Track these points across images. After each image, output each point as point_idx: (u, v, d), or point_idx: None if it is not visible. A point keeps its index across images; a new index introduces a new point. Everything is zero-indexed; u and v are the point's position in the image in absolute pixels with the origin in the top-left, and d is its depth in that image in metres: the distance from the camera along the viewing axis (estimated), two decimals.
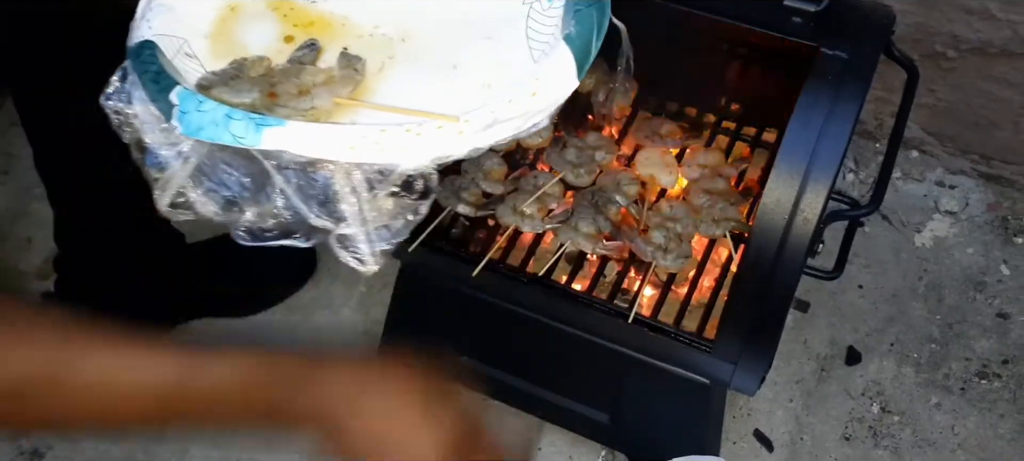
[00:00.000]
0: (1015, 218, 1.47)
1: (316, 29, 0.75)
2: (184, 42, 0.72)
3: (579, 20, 0.69)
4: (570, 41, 0.68)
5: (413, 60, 0.72)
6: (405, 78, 0.71)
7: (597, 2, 0.71)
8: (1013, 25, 1.28)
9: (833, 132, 0.87)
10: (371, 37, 0.74)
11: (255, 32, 0.75)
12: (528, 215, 1.10)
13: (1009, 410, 1.28)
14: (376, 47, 0.73)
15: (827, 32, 0.91)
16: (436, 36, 0.74)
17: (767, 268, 0.89)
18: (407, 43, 0.74)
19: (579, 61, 0.67)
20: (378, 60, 0.72)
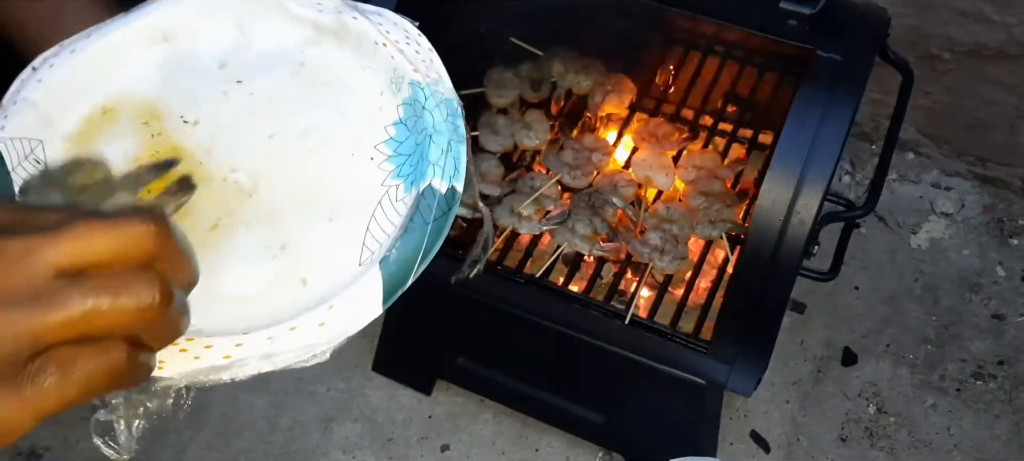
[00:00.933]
0: (1010, 220, 1.47)
1: (176, 155, 0.70)
2: (38, 144, 0.68)
3: (405, 238, 0.63)
4: (385, 265, 0.62)
5: (246, 225, 0.67)
6: (229, 247, 0.66)
7: (437, 221, 0.64)
8: (1008, 27, 1.28)
9: (828, 134, 0.87)
10: (224, 181, 0.69)
11: (117, 145, 0.70)
12: (525, 217, 1.11)
13: (1005, 411, 1.29)
14: (221, 198, 0.68)
15: (822, 35, 0.92)
16: (282, 203, 0.69)
17: (763, 270, 0.90)
18: (251, 200, 0.68)
19: (389, 289, 0.61)
20: (214, 215, 0.67)
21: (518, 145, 1.17)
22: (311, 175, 0.70)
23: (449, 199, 0.65)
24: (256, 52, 0.76)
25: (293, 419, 1.34)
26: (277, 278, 0.64)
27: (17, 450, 1.34)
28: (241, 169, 0.70)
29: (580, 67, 1.20)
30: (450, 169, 0.66)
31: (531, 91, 1.20)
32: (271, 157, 0.71)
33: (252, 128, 0.72)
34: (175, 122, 0.73)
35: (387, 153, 0.70)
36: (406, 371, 1.34)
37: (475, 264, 0.83)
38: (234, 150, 0.71)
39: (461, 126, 0.68)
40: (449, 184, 0.65)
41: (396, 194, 0.67)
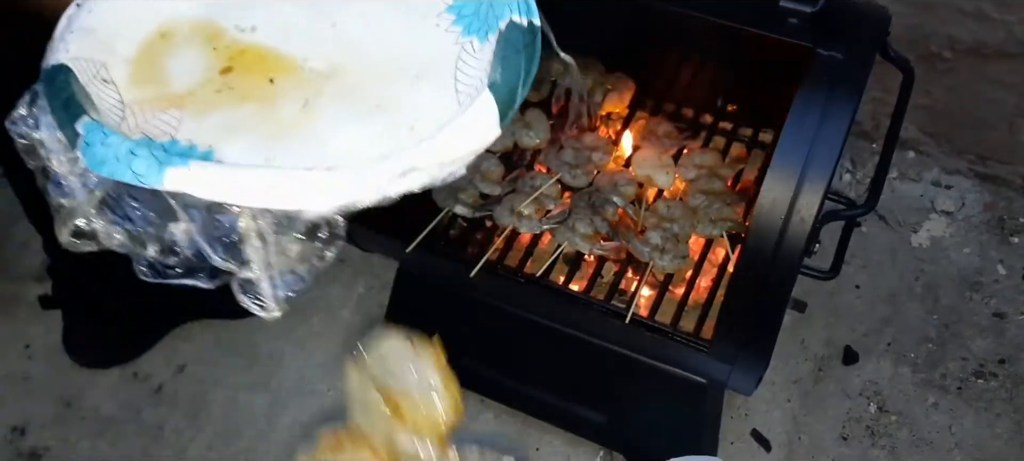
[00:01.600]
0: (1011, 218, 1.47)
1: (246, 60, 0.73)
2: (101, 66, 0.70)
3: (505, 67, 0.67)
4: (495, 89, 0.65)
5: (338, 98, 0.71)
6: (328, 116, 0.69)
7: (526, 48, 0.68)
8: (1008, 26, 1.28)
9: (829, 133, 0.87)
10: (300, 70, 0.73)
11: (182, 61, 0.73)
12: (525, 216, 1.10)
13: (1006, 409, 1.28)
14: (303, 82, 0.72)
15: (823, 33, 0.91)
16: (365, 74, 0.72)
17: (764, 268, 0.89)
18: (334, 80, 0.72)
19: (503, 109, 0.65)
20: (302, 96, 0.71)
21: (518, 144, 1.17)
22: (384, 52, 0.73)
23: (532, 31, 0.69)
24: None
25: (294, 418, 1.34)
26: (385, 132, 0.67)
27: (17, 451, 1.34)
28: (313, 58, 0.73)
29: (580, 66, 1.20)
30: (524, 7, 0.70)
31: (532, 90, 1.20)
32: (338, 44, 0.74)
33: (311, 23, 0.75)
34: (233, 34, 0.74)
35: (450, 18, 0.74)
36: None
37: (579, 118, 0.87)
38: (299, 45, 0.73)
39: None
40: (527, 18, 0.70)
41: (472, 48, 0.71)
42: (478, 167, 1.15)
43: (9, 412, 1.37)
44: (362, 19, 0.75)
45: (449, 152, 0.63)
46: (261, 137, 0.67)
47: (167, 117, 0.68)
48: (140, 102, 0.69)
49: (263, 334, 1.42)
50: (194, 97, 0.70)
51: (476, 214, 1.13)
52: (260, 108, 0.70)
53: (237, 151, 0.66)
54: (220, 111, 0.69)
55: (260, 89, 0.71)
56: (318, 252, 0.64)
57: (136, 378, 1.40)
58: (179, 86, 0.71)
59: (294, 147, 0.66)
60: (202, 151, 0.65)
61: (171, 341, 1.43)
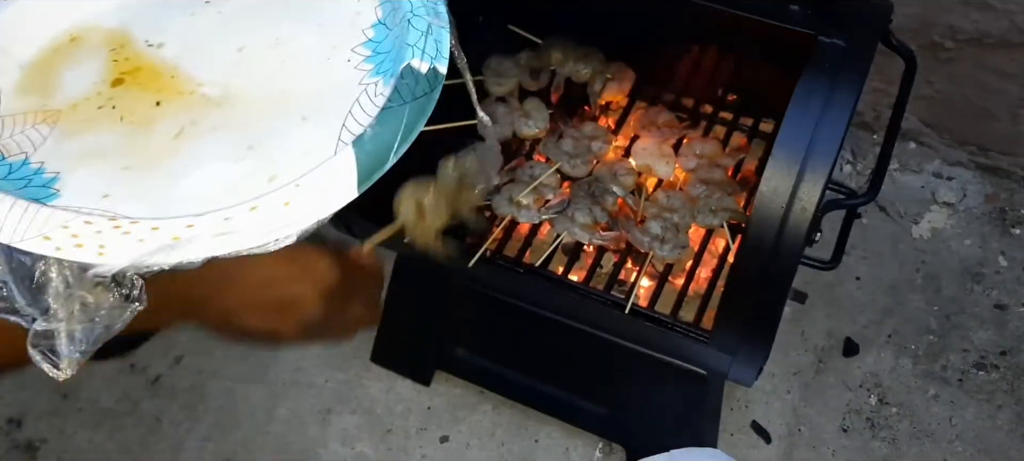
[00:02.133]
0: (1012, 209, 1.46)
1: (140, 77, 0.69)
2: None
3: (383, 120, 0.60)
4: (360, 146, 0.58)
5: (214, 131, 0.65)
6: (196, 151, 0.64)
7: (417, 100, 0.61)
8: (1010, 15, 1.27)
9: (830, 121, 0.86)
10: (190, 95, 0.68)
11: (77, 71, 0.69)
12: (524, 205, 1.10)
13: (1007, 401, 1.28)
14: (188, 108, 0.67)
15: (825, 21, 0.90)
16: (252, 107, 0.67)
17: (764, 258, 0.89)
18: (219, 109, 0.67)
19: (365, 171, 0.58)
20: (179, 124, 0.66)
21: (517, 134, 1.16)
22: (283, 84, 0.68)
23: (431, 80, 0.63)
24: None
25: (291, 410, 1.33)
26: (243, 176, 0.62)
27: (14, 442, 1.33)
28: (208, 84, 0.69)
29: (579, 55, 1.19)
30: (431, 50, 0.64)
31: (530, 79, 1.19)
32: (241, 70, 0.70)
33: (220, 45, 0.71)
34: (140, 46, 0.71)
35: (365, 54, 0.68)
36: (405, 362, 1.34)
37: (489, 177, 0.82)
38: (201, 67, 0.70)
39: (443, 11, 0.66)
40: (430, 65, 0.63)
41: (375, 89, 0.65)
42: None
43: (5, 403, 1.37)
44: (273, 47, 0.71)
45: (278, 215, 0.56)
46: (118, 167, 0.63)
47: (34, 133, 0.65)
48: (15, 114, 0.66)
49: None
50: (72, 113, 0.67)
51: None
52: (133, 133, 0.65)
53: (81, 179, 0.61)
54: (92, 132, 0.65)
55: (142, 111, 0.67)
56: (121, 309, 0.58)
57: (133, 370, 1.39)
58: (61, 100, 0.68)
59: (144, 180, 0.62)
60: (47, 177, 0.61)
61: (168, 333, 1.43)
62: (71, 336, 0.57)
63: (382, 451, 1.29)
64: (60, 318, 0.57)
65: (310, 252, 0.73)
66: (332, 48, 0.70)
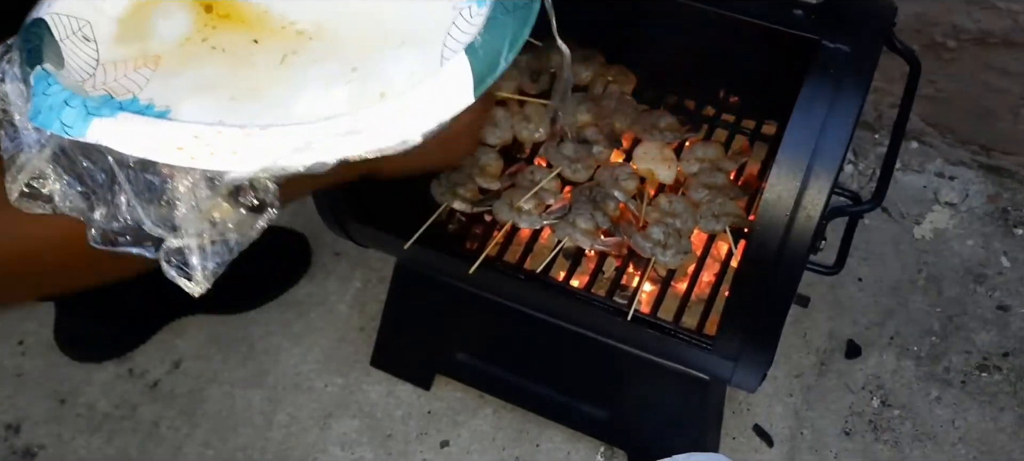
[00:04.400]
0: (1015, 209, 1.46)
1: (232, 20, 0.71)
2: (86, 24, 0.68)
3: (490, 29, 0.61)
4: (472, 52, 0.60)
5: (315, 60, 0.67)
6: (300, 77, 0.66)
7: (518, 10, 0.63)
8: (1014, 14, 1.26)
9: (835, 127, 0.85)
10: (284, 30, 0.70)
11: (170, 19, 0.71)
12: (525, 211, 1.09)
13: (1010, 403, 1.27)
14: (284, 41, 0.69)
15: (828, 25, 0.89)
16: (349, 36, 0.69)
17: (769, 266, 0.88)
18: (317, 40, 0.69)
19: (480, 75, 0.59)
20: (281, 53, 0.68)
21: (517, 138, 1.15)
22: (373, 15, 0.69)
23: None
24: None
25: (291, 415, 1.33)
26: (352, 98, 0.63)
27: (12, 448, 1.32)
28: (302, 20, 0.70)
29: (580, 58, 1.18)
30: None
31: (530, 82, 1.18)
32: (332, 6, 0.70)
33: None
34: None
35: None
36: (405, 366, 1.33)
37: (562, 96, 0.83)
38: (292, 7, 0.70)
39: None
40: None
41: (470, 12, 0.65)
42: (476, 161, 1.13)
43: (3, 410, 1.36)
44: None
45: (403, 116, 0.58)
46: (225, 97, 0.65)
47: (137, 76, 0.66)
48: (116, 61, 0.67)
49: (259, 329, 1.41)
50: (172, 55, 0.68)
51: (475, 209, 1.11)
52: (235, 65, 0.68)
53: (193, 110, 0.63)
54: (194, 69, 0.67)
55: (241, 47, 0.69)
56: (250, 221, 0.59)
57: (131, 374, 1.39)
58: (159, 44, 0.69)
59: (254, 108, 0.64)
60: (158, 110, 0.63)
61: (166, 337, 1.42)
62: (203, 250, 0.58)
63: (382, 456, 1.28)
64: (191, 233, 0.57)
65: None
66: None
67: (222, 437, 1.31)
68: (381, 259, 1.44)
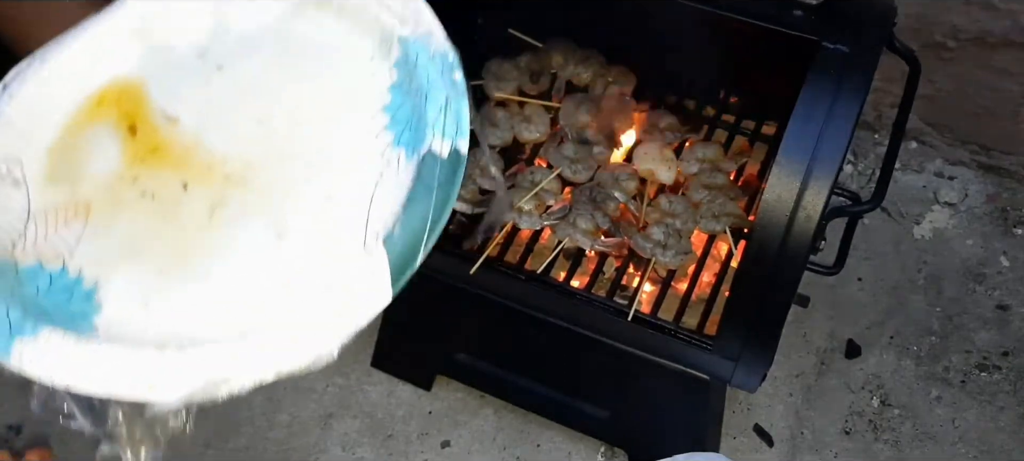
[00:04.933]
0: (1015, 209, 1.46)
1: (160, 155, 0.67)
2: (17, 163, 0.66)
3: (410, 213, 0.58)
4: (390, 245, 0.57)
5: (243, 214, 0.64)
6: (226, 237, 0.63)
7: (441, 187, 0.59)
8: (1013, 15, 1.27)
9: (835, 128, 0.86)
10: (213, 172, 0.66)
11: (100, 149, 0.68)
12: (526, 211, 1.09)
13: (1009, 402, 1.28)
14: (213, 189, 0.66)
15: (828, 26, 0.90)
16: (277, 187, 0.65)
17: (769, 266, 0.88)
18: (243, 189, 0.65)
19: (398, 270, 0.57)
20: (208, 206, 0.65)
21: (518, 138, 1.15)
22: (305, 156, 0.67)
23: (453, 162, 0.61)
24: (236, 34, 0.72)
25: (292, 416, 1.33)
26: (278, 273, 0.62)
27: (14, 450, 1.32)
28: (231, 159, 0.67)
29: (580, 58, 1.18)
30: (451, 128, 0.62)
31: (530, 83, 1.18)
32: (262, 142, 0.68)
33: (238, 115, 0.69)
34: (158, 119, 0.70)
35: (384, 121, 0.66)
36: (406, 367, 1.33)
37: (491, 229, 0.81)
38: (223, 141, 0.68)
39: (460, 79, 0.64)
40: (452, 144, 0.61)
41: (398, 164, 0.63)
42: (477, 161, 1.13)
43: (5, 411, 1.36)
44: (291, 116, 0.69)
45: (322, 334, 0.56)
46: (152, 269, 0.62)
47: (68, 234, 0.64)
48: (48, 210, 0.65)
49: None
50: (102, 201, 0.66)
51: (475, 210, 1.11)
52: (163, 218, 0.65)
53: (119, 287, 0.61)
54: (124, 223, 0.65)
55: (170, 194, 0.66)
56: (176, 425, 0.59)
57: None
58: (90, 187, 0.67)
59: (180, 286, 0.61)
60: (86, 288, 0.61)
61: None
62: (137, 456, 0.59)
63: (383, 456, 1.28)
64: (124, 443, 0.58)
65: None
66: (350, 115, 0.68)
67: (223, 438, 1.31)
68: None
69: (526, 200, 1.09)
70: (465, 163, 0.62)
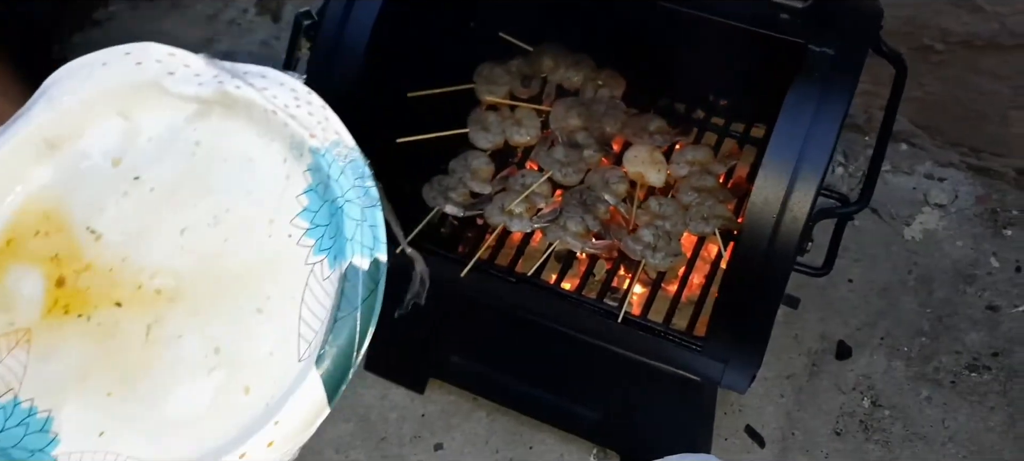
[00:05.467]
0: (1004, 210, 1.47)
1: (90, 274, 0.67)
2: None
3: (337, 332, 0.60)
4: (321, 364, 0.59)
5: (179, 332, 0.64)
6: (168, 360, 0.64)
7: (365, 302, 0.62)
8: (1001, 17, 1.28)
9: (821, 131, 0.86)
10: (141, 289, 0.66)
11: (27, 276, 0.67)
12: (517, 214, 1.10)
13: (999, 403, 1.28)
14: (147, 307, 0.66)
15: (814, 29, 0.91)
16: (208, 302, 0.66)
17: (756, 268, 0.89)
18: (176, 305, 0.65)
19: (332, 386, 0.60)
20: (144, 322, 0.65)
21: (509, 142, 1.16)
22: (232, 266, 0.67)
23: (373, 274, 0.63)
24: (147, 139, 0.72)
25: None
26: (219, 392, 0.62)
27: None
28: (160, 273, 0.67)
29: (570, 62, 1.19)
30: (369, 240, 0.64)
31: (521, 87, 1.19)
32: (188, 253, 0.68)
33: (161, 227, 0.69)
34: (81, 238, 0.69)
35: (304, 226, 0.67)
36: (399, 370, 1.34)
37: (412, 301, 0.82)
38: (149, 254, 0.68)
39: (372, 187, 0.65)
40: (371, 258, 0.63)
41: (321, 272, 0.65)
42: (468, 164, 1.14)
43: None
44: (213, 224, 0.69)
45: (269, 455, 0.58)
46: (101, 393, 0.63)
47: (13, 363, 0.64)
48: None
49: None
50: (40, 329, 0.65)
51: (466, 213, 1.12)
52: (104, 340, 0.65)
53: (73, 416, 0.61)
54: (65, 348, 0.64)
55: (105, 314, 0.66)
56: None
57: None
58: (26, 311, 0.66)
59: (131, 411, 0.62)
60: (40, 417, 0.61)
61: None
62: None
63: (376, 458, 1.29)
64: None
65: None
66: (270, 221, 0.68)
67: None
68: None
69: (517, 203, 1.09)
70: (386, 271, 0.64)
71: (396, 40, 1.04)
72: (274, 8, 1.88)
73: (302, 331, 0.63)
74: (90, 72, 0.70)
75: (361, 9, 0.97)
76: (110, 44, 0.71)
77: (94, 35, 1.83)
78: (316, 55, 0.98)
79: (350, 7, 0.97)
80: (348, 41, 0.97)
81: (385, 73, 1.05)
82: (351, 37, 0.97)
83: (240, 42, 1.83)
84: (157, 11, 1.90)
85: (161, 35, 1.85)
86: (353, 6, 0.97)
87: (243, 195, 0.69)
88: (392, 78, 1.08)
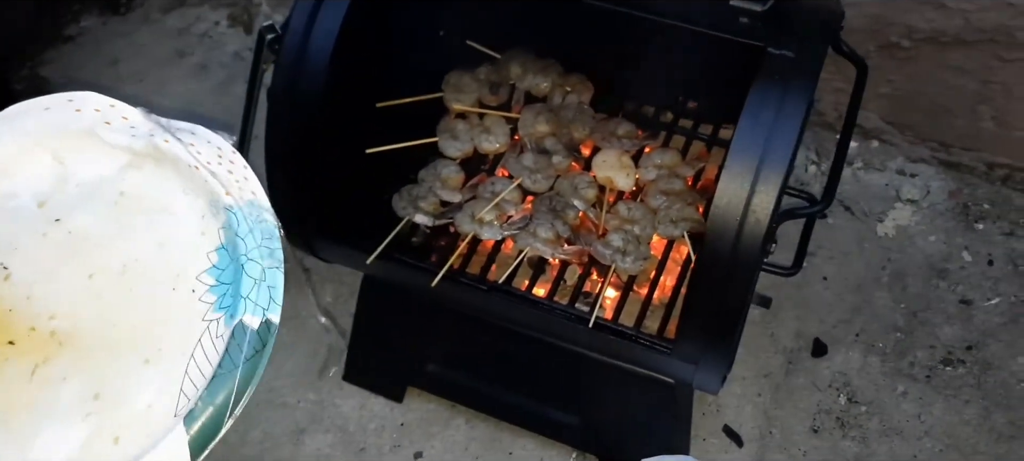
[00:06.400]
0: (975, 204, 1.48)
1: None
2: None
3: (213, 390, 0.61)
4: (190, 422, 0.60)
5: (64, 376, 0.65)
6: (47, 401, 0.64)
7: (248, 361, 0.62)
8: (965, 13, 1.29)
9: (782, 132, 0.87)
10: (35, 331, 0.67)
11: None
12: (487, 222, 1.10)
13: (974, 396, 1.29)
14: (38, 348, 0.66)
15: (774, 31, 0.91)
16: (99, 348, 0.66)
17: (721, 271, 0.89)
18: (66, 349, 0.66)
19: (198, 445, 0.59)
20: (32, 362, 0.66)
21: (478, 149, 1.16)
22: (131, 315, 0.68)
23: (263, 334, 0.64)
24: (75, 184, 0.73)
25: (264, 432, 1.33)
26: (91, 438, 0.62)
27: None
28: (59, 315, 0.68)
29: (538, 68, 1.20)
30: (264, 300, 0.65)
31: (490, 94, 1.19)
32: (91, 299, 0.69)
33: (71, 270, 0.70)
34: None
35: (209, 283, 0.68)
36: (377, 379, 1.34)
37: None
38: (53, 296, 0.69)
39: (278, 249, 0.66)
40: (263, 318, 0.64)
41: (217, 329, 0.65)
42: (437, 173, 1.14)
43: None
44: (121, 273, 0.70)
45: None
46: None
47: None
48: None
49: None
50: None
51: (437, 222, 1.12)
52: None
53: None
54: None
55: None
56: None
57: None
58: None
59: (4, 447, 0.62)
60: None
61: None
62: None
63: None
64: None
65: None
66: (176, 275, 0.69)
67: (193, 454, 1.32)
68: (351, 273, 1.44)
69: (487, 211, 1.09)
70: (276, 334, 0.64)
71: (362, 51, 1.04)
72: (246, 20, 1.88)
73: (185, 386, 0.63)
74: (31, 115, 0.72)
75: (324, 21, 0.98)
76: (84, 60, 0.72)
77: (67, 50, 1.83)
78: (280, 69, 0.98)
79: (313, 20, 0.97)
80: (312, 54, 0.98)
81: (352, 84, 1.05)
82: (315, 50, 0.98)
83: (212, 54, 1.83)
84: (129, 25, 1.90)
85: (134, 48, 1.85)
86: (316, 19, 0.97)
87: (155, 247, 0.70)
88: (360, 89, 1.08)
